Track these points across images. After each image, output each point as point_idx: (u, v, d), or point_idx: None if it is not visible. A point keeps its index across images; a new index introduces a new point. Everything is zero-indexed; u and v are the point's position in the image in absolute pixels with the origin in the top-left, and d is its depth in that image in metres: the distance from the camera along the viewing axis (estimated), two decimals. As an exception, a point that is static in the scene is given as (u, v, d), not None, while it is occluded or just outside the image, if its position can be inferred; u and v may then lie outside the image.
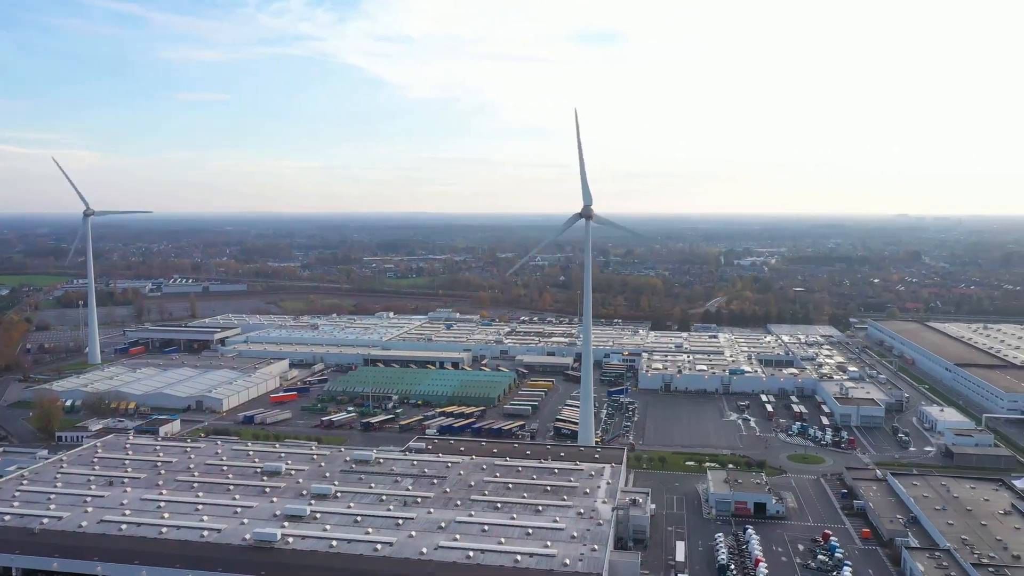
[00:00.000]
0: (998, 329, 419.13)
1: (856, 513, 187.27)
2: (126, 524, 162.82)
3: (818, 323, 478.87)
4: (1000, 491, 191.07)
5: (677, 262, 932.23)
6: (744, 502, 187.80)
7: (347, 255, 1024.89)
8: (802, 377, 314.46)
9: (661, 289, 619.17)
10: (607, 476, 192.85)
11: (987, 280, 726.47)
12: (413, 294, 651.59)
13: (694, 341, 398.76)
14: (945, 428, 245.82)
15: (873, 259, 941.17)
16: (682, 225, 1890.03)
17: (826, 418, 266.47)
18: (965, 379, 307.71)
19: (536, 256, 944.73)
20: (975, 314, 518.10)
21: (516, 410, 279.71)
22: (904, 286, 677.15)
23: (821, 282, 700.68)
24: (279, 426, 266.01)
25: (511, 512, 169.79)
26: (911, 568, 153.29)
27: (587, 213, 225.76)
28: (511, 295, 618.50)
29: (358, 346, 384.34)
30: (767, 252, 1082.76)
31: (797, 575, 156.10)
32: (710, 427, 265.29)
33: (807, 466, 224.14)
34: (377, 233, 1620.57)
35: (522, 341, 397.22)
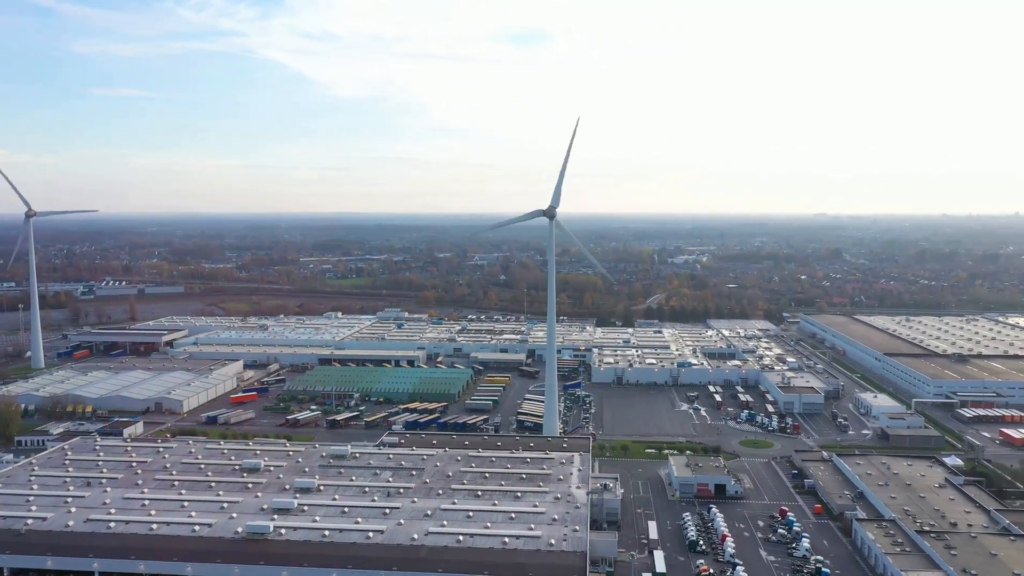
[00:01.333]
0: (919, 321, 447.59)
1: (807, 491, 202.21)
2: (114, 522, 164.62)
3: (754, 318, 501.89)
4: (933, 467, 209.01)
5: (612, 261, 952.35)
6: (706, 484, 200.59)
7: (283, 256, 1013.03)
8: (745, 368, 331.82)
9: (602, 287, 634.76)
10: (577, 464, 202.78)
11: (904, 276, 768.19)
12: (356, 294, 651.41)
13: (640, 336, 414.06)
14: (880, 413, 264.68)
15: (798, 257, 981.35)
16: (612, 224, 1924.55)
17: (771, 406, 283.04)
18: (893, 367, 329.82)
19: (483, 257, 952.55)
20: (896, 307, 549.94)
21: (478, 405, 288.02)
22: (829, 282, 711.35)
23: (752, 279, 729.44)
24: (243, 426, 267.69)
25: (492, 499, 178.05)
26: (862, 537, 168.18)
27: (551, 213, 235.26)
28: (456, 294, 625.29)
29: (311, 346, 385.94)
30: (698, 251, 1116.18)
31: (760, 548, 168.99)
32: (664, 417, 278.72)
33: (758, 450, 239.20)
34: (309, 233, 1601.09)
35: (474, 339, 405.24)
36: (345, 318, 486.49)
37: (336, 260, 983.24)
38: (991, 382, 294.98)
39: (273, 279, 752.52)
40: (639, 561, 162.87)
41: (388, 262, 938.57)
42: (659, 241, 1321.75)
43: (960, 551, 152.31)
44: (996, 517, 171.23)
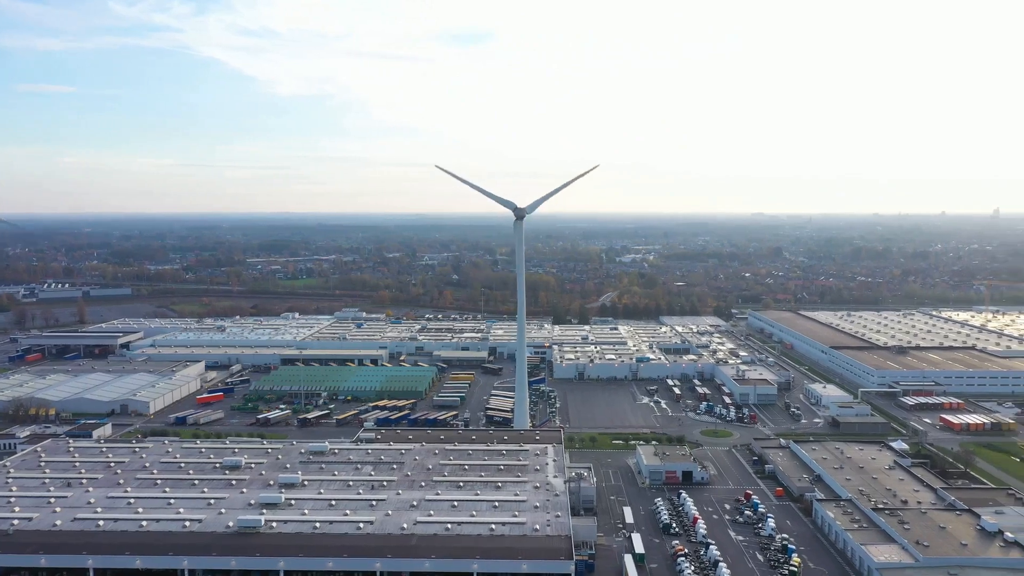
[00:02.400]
0: (859, 316, 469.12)
1: (768, 476, 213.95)
2: (103, 520, 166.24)
3: (704, 314, 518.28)
4: (882, 451, 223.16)
5: (561, 260, 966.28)
6: (674, 471, 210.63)
7: (229, 257, 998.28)
8: (701, 363, 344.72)
9: (555, 285, 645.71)
10: (551, 455, 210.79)
11: (842, 273, 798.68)
12: (310, 295, 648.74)
13: (597, 333, 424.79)
14: (830, 402, 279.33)
15: (741, 255, 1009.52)
16: (559, 224, 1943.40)
17: (727, 398, 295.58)
18: (839, 360, 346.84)
19: (433, 256, 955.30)
20: (836, 303, 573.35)
21: (445, 401, 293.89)
22: (772, 279, 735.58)
23: (699, 277, 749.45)
24: (213, 426, 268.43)
25: (474, 489, 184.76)
26: (822, 516, 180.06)
27: (521, 215, 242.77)
28: (411, 294, 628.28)
29: (273, 346, 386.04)
30: (644, 250, 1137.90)
31: (729, 529, 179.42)
32: (626, 410, 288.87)
33: (718, 439, 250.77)
34: (252, 234, 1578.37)
35: (435, 338, 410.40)
36: (303, 318, 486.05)
37: (284, 261, 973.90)
38: (929, 372, 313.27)
39: (222, 280, 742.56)
40: (618, 544, 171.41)
41: (338, 262, 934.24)
42: (605, 240, 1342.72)
43: (912, 526, 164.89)
44: (942, 495, 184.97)
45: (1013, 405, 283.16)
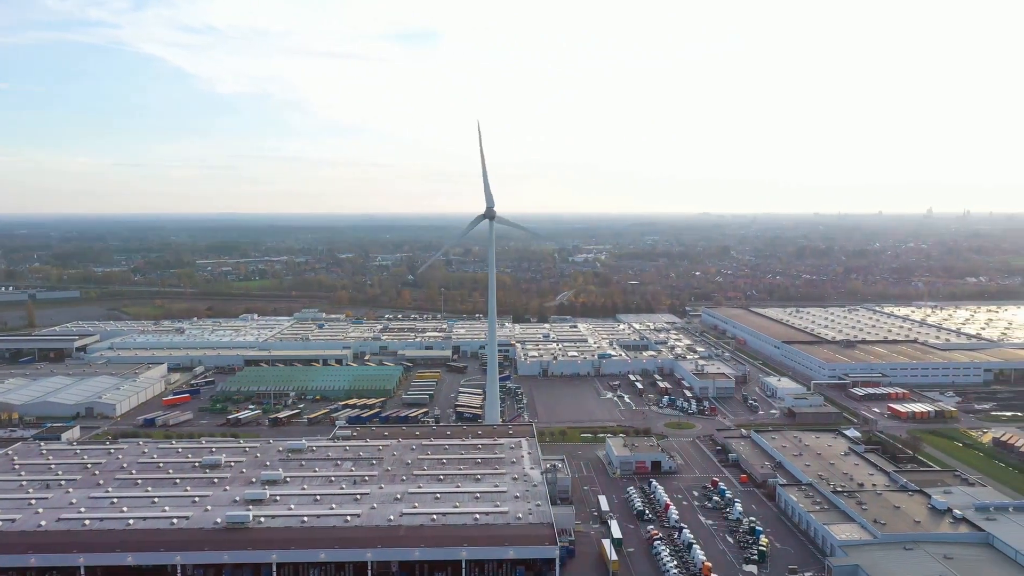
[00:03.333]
0: (807, 312, 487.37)
1: (731, 464, 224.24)
2: (89, 520, 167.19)
3: (659, 312, 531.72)
4: (837, 439, 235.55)
5: (514, 260, 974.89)
6: (643, 461, 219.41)
7: (178, 258, 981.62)
8: (660, 358, 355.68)
9: (511, 285, 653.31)
10: (526, 448, 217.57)
11: (787, 271, 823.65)
12: (265, 296, 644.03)
13: (558, 331, 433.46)
14: (785, 394, 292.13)
15: (690, 254, 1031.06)
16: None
17: (688, 391, 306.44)
18: (791, 354, 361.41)
19: (386, 257, 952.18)
20: (784, 300, 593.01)
21: (415, 399, 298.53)
22: (722, 277, 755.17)
23: (651, 276, 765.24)
24: (182, 427, 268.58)
25: (455, 482, 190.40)
26: (785, 499, 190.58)
27: (490, 214, 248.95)
28: (368, 294, 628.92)
29: (235, 348, 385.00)
30: (595, 249, 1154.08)
31: (699, 514, 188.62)
32: (592, 405, 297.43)
33: (682, 431, 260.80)
34: (198, 235, 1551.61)
35: (399, 337, 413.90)
36: (263, 319, 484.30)
37: (235, 262, 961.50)
38: (876, 364, 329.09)
39: (173, 282, 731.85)
40: (596, 531, 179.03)
41: (290, 263, 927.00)
42: (557, 240, 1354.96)
43: (869, 506, 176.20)
44: (895, 477, 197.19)
45: (954, 394, 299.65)
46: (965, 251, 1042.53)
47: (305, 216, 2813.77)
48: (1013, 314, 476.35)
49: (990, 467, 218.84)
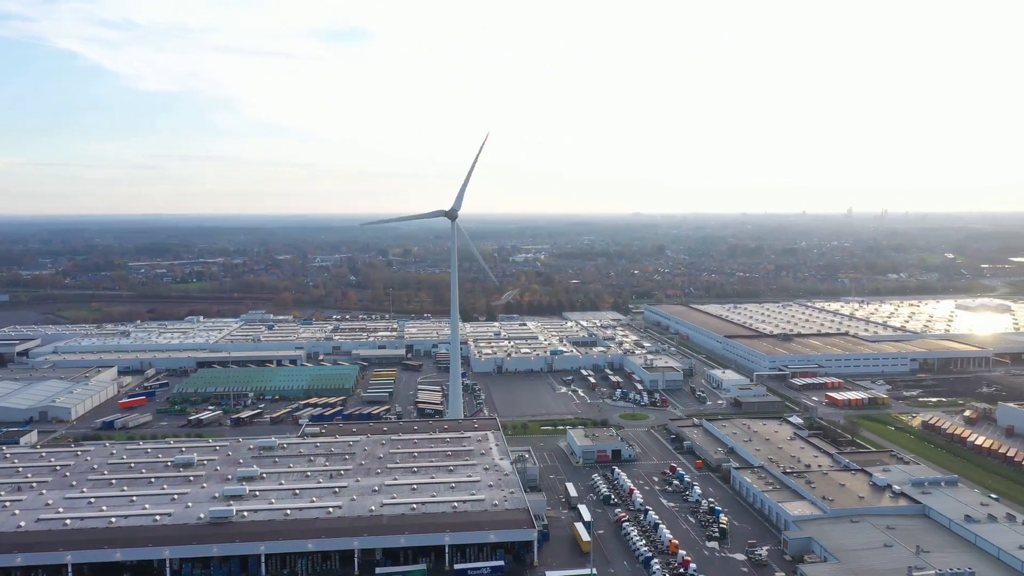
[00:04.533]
0: (744, 308, 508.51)
1: (686, 451, 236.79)
2: (69, 519, 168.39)
3: (603, 309, 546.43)
4: (783, 425, 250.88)
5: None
6: (604, 450, 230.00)
7: (108, 261, 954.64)
8: (610, 354, 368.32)
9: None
10: (493, 440, 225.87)
11: (721, 269, 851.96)
12: (206, 298, 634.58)
13: (508, 329, 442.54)
14: (730, 385, 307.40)
15: (627, 253, 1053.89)
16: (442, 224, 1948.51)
17: (639, 384, 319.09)
18: (733, 347, 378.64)
19: (325, 258, 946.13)
20: (721, 297, 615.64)
21: (375, 397, 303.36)
22: (659, 276, 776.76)
23: (591, 274, 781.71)
24: (143, 428, 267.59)
25: (429, 473, 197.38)
26: (740, 481, 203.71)
27: (453, 215, 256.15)
28: (313, 295, 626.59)
29: (186, 350, 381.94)
30: (534, 249, 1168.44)
31: (661, 498, 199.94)
32: (548, 399, 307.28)
33: (637, 422, 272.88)
34: (125, 237, 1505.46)
35: (351, 337, 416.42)
36: (210, 322, 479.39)
37: (168, 264, 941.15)
38: (812, 356, 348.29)
39: (107, 285, 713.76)
40: (566, 516, 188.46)
41: (227, 265, 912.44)
42: (495, 240, 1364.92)
43: (817, 485, 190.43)
44: (838, 459, 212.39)
45: (884, 383, 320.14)
46: (885, 249, 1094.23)
47: (234, 217, 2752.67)
48: (933, 308, 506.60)
49: (921, 448, 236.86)
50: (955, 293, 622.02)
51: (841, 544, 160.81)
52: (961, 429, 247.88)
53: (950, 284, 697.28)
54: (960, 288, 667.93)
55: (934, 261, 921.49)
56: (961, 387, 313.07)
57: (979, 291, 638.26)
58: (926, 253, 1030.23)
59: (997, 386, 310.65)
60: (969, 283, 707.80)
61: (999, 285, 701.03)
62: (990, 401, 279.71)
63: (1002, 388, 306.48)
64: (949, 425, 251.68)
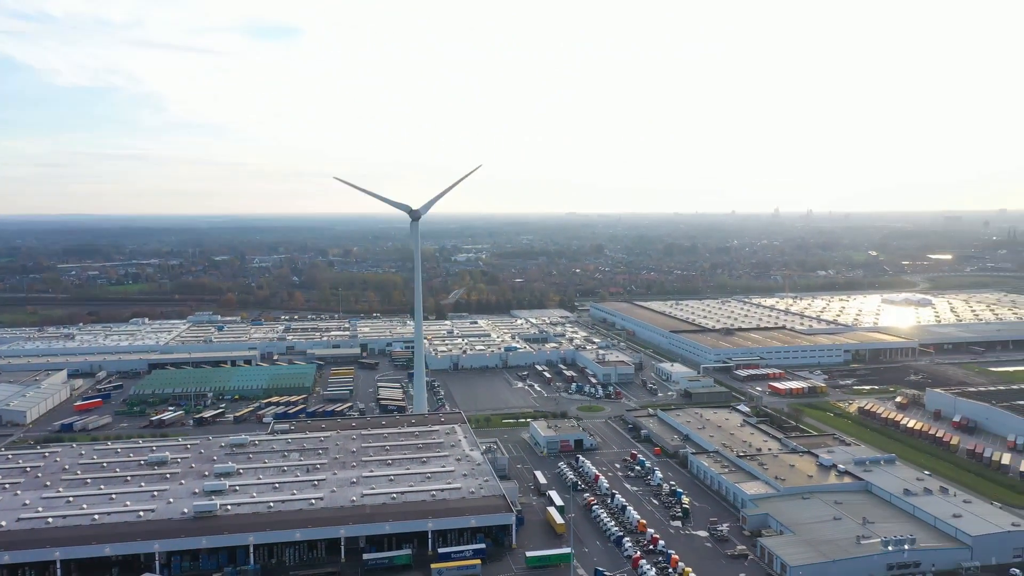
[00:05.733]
0: (686, 304, 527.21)
1: (644, 439, 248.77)
2: (52, 518, 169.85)
3: (550, 307, 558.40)
4: (732, 414, 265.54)
5: (397, 260, 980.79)
6: (567, 441, 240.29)
7: (36, 262, 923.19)
8: (563, 349, 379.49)
9: (402, 284, 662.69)
10: (461, 433, 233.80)
11: (659, 267, 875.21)
12: (146, 300, 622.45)
13: (459, 327, 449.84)
14: (679, 378, 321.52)
15: (567, 252, 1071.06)
16: (380, 223, 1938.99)
17: (593, 378, 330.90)
18: (679, 342, 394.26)
19: (264, 259, 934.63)
20: (661, 294, 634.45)
21: (336, 395, 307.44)
22: (601, 274, 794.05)
23: (534, 273, 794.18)
24: (103, 430, 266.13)
25: (403, 465, 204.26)
26: (697, 466, 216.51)
27: (417, 216, 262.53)
28: (258, 296, 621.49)
29: (137, 352, 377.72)
30: (474, 248, 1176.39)
31: (624, 483, 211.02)
32: (506, 394, 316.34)
33: (594, 413, 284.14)
34: (45, 238, 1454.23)
35: (304, 337, 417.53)
36: (156, 323, 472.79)
37: (101, 266, 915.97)
38: (754, 348, 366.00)
39: (40, 288, 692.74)
40: (537, 502, 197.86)
41: (163, 266, 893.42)
42: (434, 240, 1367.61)
43: (769, 466, 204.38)
44: (786, 442, 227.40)
45: (821, 372, 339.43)
46: (812, 247, 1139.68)
47: (161, 217, 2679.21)
48: (861, 303, 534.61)
49: (859, 431, 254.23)
50: (880, 289, 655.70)
51: (795, 519, 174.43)
52: (894, 414, 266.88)
53: (875, 280, 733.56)
54: (884, 284, 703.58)
55: (859, 259, 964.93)
56: (891, 376, 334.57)
57: (902, 286, 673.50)
58: (851, 251, 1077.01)
59: (923, 374, 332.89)
60: (892, 279, 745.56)
61: (919, 281, 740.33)
62: (918, 388, 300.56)
63: (928, 376, 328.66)
64: (883, 410, 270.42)
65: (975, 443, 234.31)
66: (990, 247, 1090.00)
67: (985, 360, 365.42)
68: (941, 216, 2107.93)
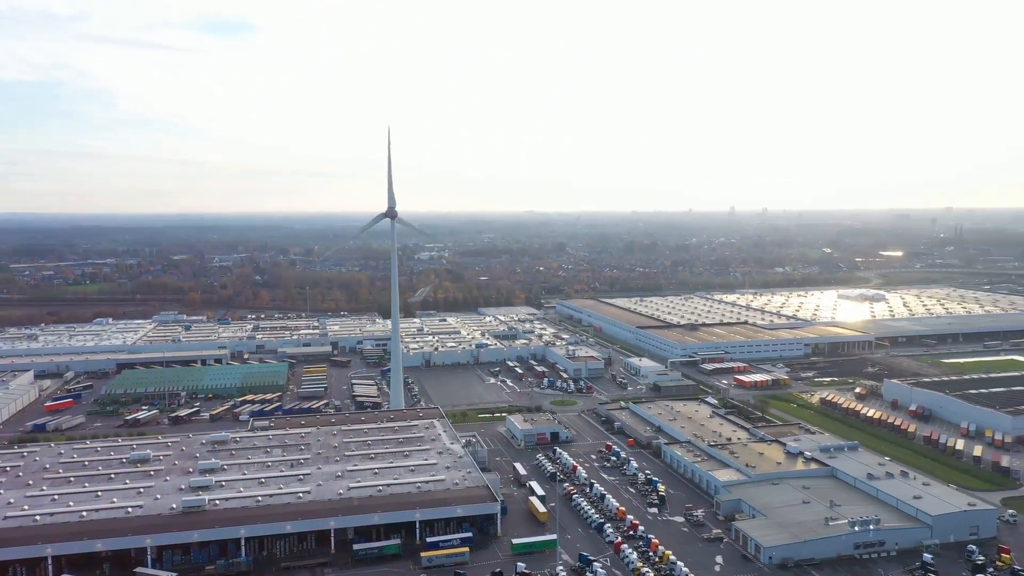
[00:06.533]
0: (650, 301, 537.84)
1: (617, 431, 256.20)
2: (39, 515, 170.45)
3: (517, 304, 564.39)
4: (701, 406, 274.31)
5: (359, 258, 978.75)
6: (543, 433, 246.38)
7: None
8: (532, 346, 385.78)
9: (367, 283, 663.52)
10: (440, 427, 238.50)
11: (621, 264, 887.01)
12: (106, 300, 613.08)
13: (429, 325, 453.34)
14: (648, 372, 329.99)
15: (529, 251, 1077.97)
16: (331, 222, 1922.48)
17: (564, 373, 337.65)
18: (646, 337, 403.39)
19: (224, 258, 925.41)
20: (625, 291, 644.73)
21: (310, 392, 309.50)
22: (564, 272, 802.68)
23: (498, 271, 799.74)
24: (77, 430, 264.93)
25: (387, 459, 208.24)
26: (671, 455, 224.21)
27: (391, 214, 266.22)
28: (222, 296, 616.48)
29: (104, 352, 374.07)
30: (436, 247, 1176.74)
31: (601, 472, 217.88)
32: (479, 389, 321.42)
33: (567, 407, 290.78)
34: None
35: (274, 336, 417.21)
36: (122, 323, 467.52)
37: (55, 266, 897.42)
38: (719, 343, 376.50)
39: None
40: (519, 492, 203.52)
41: (121, 266, 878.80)
42: (397, 239, 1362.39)
43: (739, 454, 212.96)
44: (754, 432, 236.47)
45: (783, 366, 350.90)
46: (768, 244, 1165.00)
47: (113, 216, 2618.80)
48: (818, 298, 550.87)
49: (822, 421, 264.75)
50: (835, 285, 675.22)
51: (766, 503, 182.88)
52: (854, 404, 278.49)
53: (830, 276, 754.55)
54: (839, 280, 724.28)
55: (814, 256, 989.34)
56: (849, 368, 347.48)
57: (856, 282, 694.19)
58: (806, 248, 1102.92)
59: (880, 366, 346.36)
60: (846, 275, 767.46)
61: (872, 277, 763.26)
62: (875, 379, 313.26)
63: (884, 368, 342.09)
64: (843, 401, 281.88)
65: (931, 430, 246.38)
66: (938, 244, 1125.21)
67: (937, 352, 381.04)
68: (890, 214, 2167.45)
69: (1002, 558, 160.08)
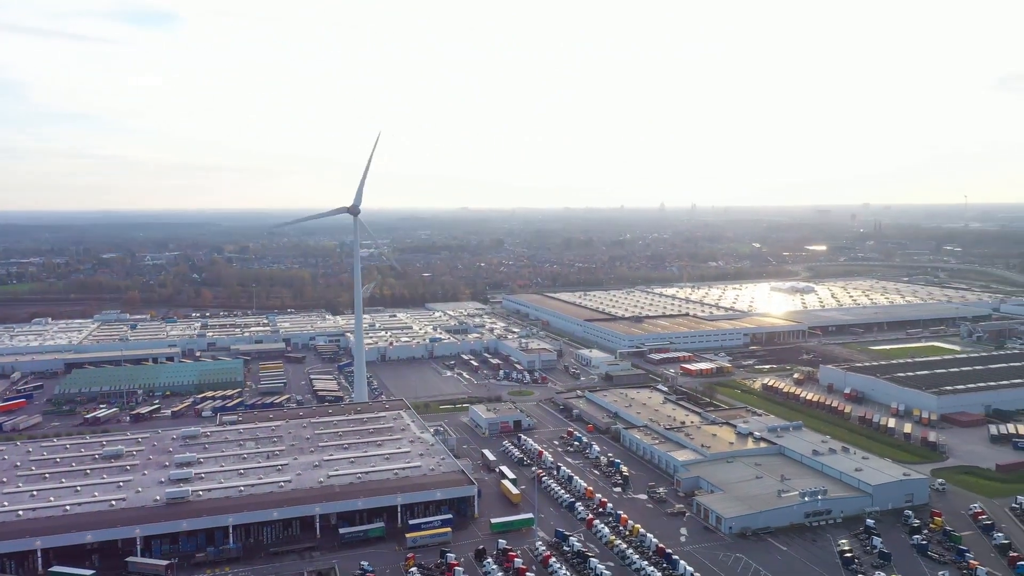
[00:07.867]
0: (593, 295, 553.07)
1: (576, 419, 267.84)
2: (22, 511, 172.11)
3: (463, 300, 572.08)
4: (653, 393, 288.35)
5: (297, 256, 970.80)
6: (507, 422, 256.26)
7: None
8: (485, 339, 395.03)
9: (310, 280, 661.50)
10: (407, 418, 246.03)
11: (560, 260, 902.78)
12: (40, 300, 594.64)
13: (380, 320, 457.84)
14: (599, 362, 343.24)
15: (468, 247, 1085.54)
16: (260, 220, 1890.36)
17: (518, 365, 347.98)
18: (593, 330, 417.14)
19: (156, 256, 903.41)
20: (567, 286, 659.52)
21: (270, 388, 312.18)
22: (505, 268, 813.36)
23: (439, 268, 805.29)
24: (34, 429, 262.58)
25: (361, 449, 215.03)
26: (630, 439, 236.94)
27: (355, 211, 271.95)
28: (163, 294, 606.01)
29: (49, 352, 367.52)
30: (374, 243, 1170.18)
31: (565, 456, 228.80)
32: (437, 382, 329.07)
33: (525, 397, 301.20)
34: None
35: (224, 333, 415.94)
36: (63, 323, 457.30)
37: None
38: (663, 334, 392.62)
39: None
40: (489, 477, 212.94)
41: (48, 265, 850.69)
42: (330, 236, 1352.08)
43: (694, 436, 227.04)
44: (705, 416, 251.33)
45: (725, 355, 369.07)
46: (700, 240, 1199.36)
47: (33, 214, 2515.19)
48: (752, 291, 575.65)
49: (765, 404, 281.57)
50: (766, 278, 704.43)
51: (723, 479, 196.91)
52: (794, 388, 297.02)
53: (760, 270, 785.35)
54: (769, 273, 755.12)
55: (744, 250, 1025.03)
56: (786, 356, 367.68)
57: (785, 275, 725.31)
58: (736, 243, 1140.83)
59: (814, 354, 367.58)
60: (776, 269, 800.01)
61: (800, 270, 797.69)
62: (811, 365, 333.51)
63: (818, 355, 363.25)
64: (784, 386, 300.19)
65: (864, 411, 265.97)
66: (859, 239, 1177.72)
67: (864, 340, 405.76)
68: (812, 210, 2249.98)
69: (935, 521, 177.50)
